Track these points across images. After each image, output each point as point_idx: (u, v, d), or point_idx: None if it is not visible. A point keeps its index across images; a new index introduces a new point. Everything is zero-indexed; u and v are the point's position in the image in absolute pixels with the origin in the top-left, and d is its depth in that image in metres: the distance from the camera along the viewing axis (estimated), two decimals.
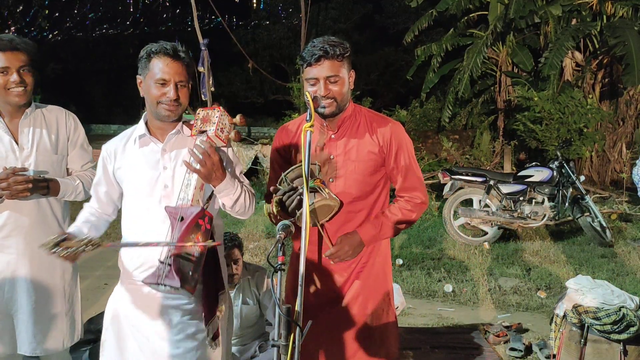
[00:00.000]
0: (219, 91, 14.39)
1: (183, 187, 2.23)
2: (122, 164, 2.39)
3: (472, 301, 5.43)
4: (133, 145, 2.38)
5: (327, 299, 2.52)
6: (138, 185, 2.35)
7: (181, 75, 2.28)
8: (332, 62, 2.36)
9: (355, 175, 2.46)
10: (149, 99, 2.31)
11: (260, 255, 6.74)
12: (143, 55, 2.31)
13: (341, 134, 2.48)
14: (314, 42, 2.40)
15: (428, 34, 14.24)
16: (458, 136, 12.15)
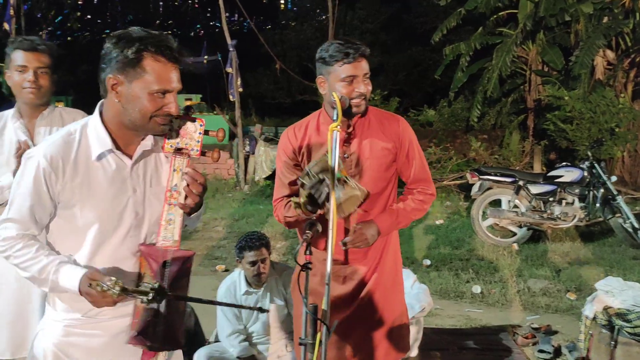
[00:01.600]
0: (247, 92, 14.48)
1: (164, 224, 1.86)
2: (72, 182, 1.81)
3: (501, 302, 5.38)
4: (87, 158, 1.84)
5: (345, 295, 2.53)
6: (101, 213, 1.83)
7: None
8: (365, 61, 2.41)
9: (370, 172, 2.49)
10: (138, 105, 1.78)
11: (288, 254, 6.77)
12: None
13: (354, 133, 2.51)
14: (338, 41, 2.42)
15: (456, 33, 14.09)
16: (487, 136, 12.03)
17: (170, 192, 1.87)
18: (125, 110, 1.80)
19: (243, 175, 11.28)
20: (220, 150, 2.02)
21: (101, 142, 1.84)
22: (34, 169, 1.80)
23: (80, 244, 1.85)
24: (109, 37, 1.82)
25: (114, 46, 1.77)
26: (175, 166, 1.87)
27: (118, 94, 1.79)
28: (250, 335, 3.63)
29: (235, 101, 11.45)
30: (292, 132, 2.61)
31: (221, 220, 8.74)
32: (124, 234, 1.87)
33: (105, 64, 1.79)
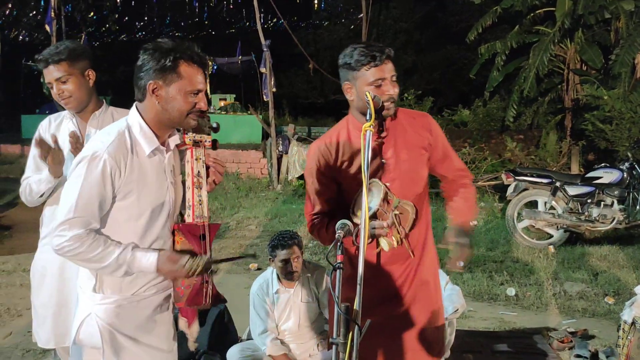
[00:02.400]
0: (280, 92, 14.59)
1: (196, 204, 2.18)
2: (131, 176, 2.08)
3: (536, 306, 5.29)
4: (140, 154, 2.11)
5: (384, 297, 2.51)
6: (152, 200, 2.13)
7: None
8: (391, 62, 2.38)
9: (410, 173, 2.46)
10: (177, 105, 2.09)
11: (320, 253, 6.79)
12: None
13: (389, 138, 2.47)
14: (360, 45, 2.39)
15: (492, 32, 13.94)
16: (523, 136, 11.85)
17: (197, 177, 2.18)
18: (164, 111, 2.09)
19: (276, 174, 11.35)
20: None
21: (150, 140, 2.12)
22: (100, 167, 2.01)
23: (132, 230, 2.11)
24: (143, 50, 2.10)
25: (150, 57, 2.06)
26: (197, 156, 2.22)
27: (158, 96, 2.08)
28: (282, 334, 3.65)
29: (268, 101, 11.53)
30: (324, 145, 2.52)
31: (254, 219, 8.81)
32: (166, 217, 2.18)
33: (144, 72, 2.07)
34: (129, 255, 2.04)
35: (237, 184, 11.26)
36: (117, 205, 2.08)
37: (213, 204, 9.71)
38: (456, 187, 2.65)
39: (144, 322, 2.18)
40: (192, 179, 2.19)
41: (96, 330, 2.11)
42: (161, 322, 2.24)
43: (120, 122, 2.15)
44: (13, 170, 12.04)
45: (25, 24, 22.62)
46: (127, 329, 2.15)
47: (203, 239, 2.16)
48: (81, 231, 2.00)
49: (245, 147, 12.84)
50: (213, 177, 2.30)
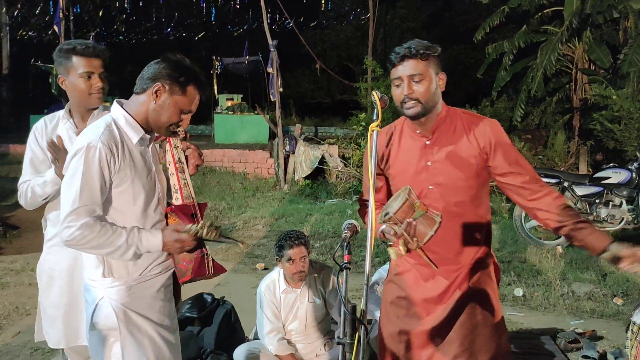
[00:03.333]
0: (287, 92, 14.60)
1: (183, 187, 2.38)
2: (124, 163, 2.23)
3: (544, 306, 5.27)
4: (129, 142, 2.26)
5: (433, 303, 2.47)
6: (144, 184, 2.29)
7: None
8: (416, 61, 2.32)
9: (456, 181, 2.38)
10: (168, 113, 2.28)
11: (327, 253, 6.79)
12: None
13: (437, 139, 2.41)
14: (399, 46, 2.38)
15: (499, 31, 13.90)
16: (530, 136, 11.80)
17: (179, 163, 2.40)
18: (154, 112, 2.26)
19: (283, 174, 11.36)
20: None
21: (136, 130, 2.28)
22: (97, 156, 2.14)
23: (131, 214, 2.25)
24: (168, 57, 2.28)
25: (172, 65, 2.25)
26: (175, 144, 2.43)
27: (158, 97, 2.24)
28: (289, 334, 3.65)
29: (275, 101, 11.54)
30: (382, 132, 2.47)
31: (261, 219, 8.82)
32: (157, 200, 2.34)
33: (159, 72, 2.23)
34: (136, 236, 2.19)
35: (244, 184, 11.28)
36: (115, 191, 2.22)
37: (220, 203, 9.74)
38: (551, 201, 2.37)
39: (153, 301, 2.32)
40: (175, 165, 2.39)
41: (111, 311, 2.24)
42: (167, 300, 2.39)
43: (105, 117, 2.29)
44: (22, 170, 12.09)
45: (34, 24, 22.74)
46: (139, 307, 2.28)
47: (194, 218, 2.34)
48: (88, 219, 2.11)
49: (252, 147, 12.87)
50: (194, 160, 2.52)
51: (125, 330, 2.25)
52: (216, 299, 4.19)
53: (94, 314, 2.27)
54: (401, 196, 2.29)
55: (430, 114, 2.39)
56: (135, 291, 2.28)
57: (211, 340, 3.92)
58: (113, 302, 2.25)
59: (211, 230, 2.25)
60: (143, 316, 2.30)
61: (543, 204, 2.37)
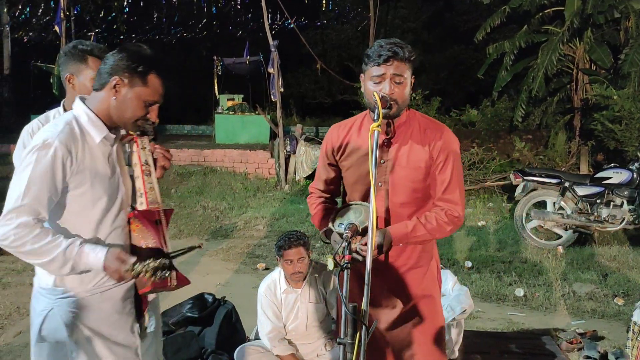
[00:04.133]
0: (288, 92, 14.60)
1: (148, 191, 2.22)
2: (83, 164, 2.08)
3: (545, 306, 5.27)
4: (90, 142, 2.12)
5: (377, 301, 2.49)
6: (106, 186, 2.14)
7: None
8: (399, 63, 2.34)
9: (404, 181, 2.43)
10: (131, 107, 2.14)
11: (327, 254, 6.78)
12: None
13: (394, 140, 2.45)
14: (381, 42, 2.38)
15: (500, 31, 13.87)
16: (531, 136, 11.79)
17: (145, 165, 2.24)
18: (116, 108, 2.13)
19: (284, 174, 11.36)
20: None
21: (99, 128, 2.14)
22: (51, 155, 1.99)
23: (88, 219, 2.11)
24: (123, 47, 2.15)
25: (128, 55, 2.11)
26: (142, 145, 2.27)
27: (117, 92, 2.11)
28: (289, 334, 3.65)
29: (276, 101, 11.54)
30: (336, 130, 2.60)
31: (262, 219, 8.82)
32: (119, 204, 2.19)
33: (115, 65, 2.10)
34: (76, 249, 1.99)
35: (245, 184, 11.28)
36: (71, 194, 2.07)
37: (221, 203, 9.73)
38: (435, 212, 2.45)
39: (107, 314, 2.18)
40: (141, 167, 2.24)
41: (60, 323, 2.11)
42: (125, 314, 2.25)
43: (66, 114, 2.18)
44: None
45: (35, 24, 22.75)
46: (91, 321, 2.14)
47: (159, 224, 2.19)
48: (29, 219, 1.95)
49: (253, 147, 12.87)
50: (162, 162, 2.39)
51: (74, 346, 2.12)
52: (217, 299, 4.19)
53: (42, 326, 2.14)
54: (363, 216, 2.30)
55: (399, 116, 2.43)
56: (88, 303, 2.14)
57: (212, 340, 3.93)
58: (63, 314, 2.11)
59: (155, 270, 1.97)
60: (95, 331, 2.15)
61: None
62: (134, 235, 2.22)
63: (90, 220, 2.11)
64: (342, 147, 2.54)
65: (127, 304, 2.27)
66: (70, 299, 2.12)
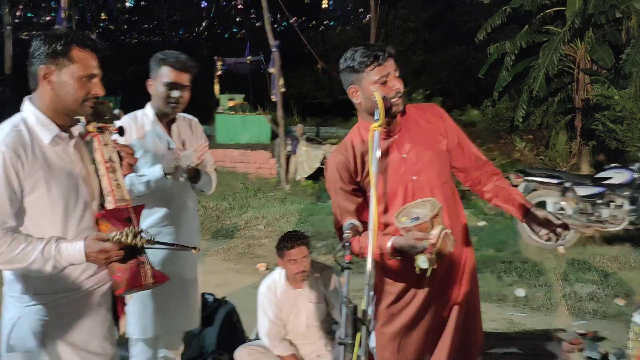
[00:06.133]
0: (289, 92, 14.54)
1: (114, 189, 2.10)
2: (35, 167, 1.99)
3: (546, 307, 5.26)
4: (40, 143, 2.04)
5: (433, 301, 2.50)
6: (64, 189, 2.05)
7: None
8: (390, 58, 2.37)
9: (434, 164, 2.44)
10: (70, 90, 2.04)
11: (328, 254, 6.78)
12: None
13: (404, 133, 2.46)
14: (358, 48, 2.39)
15: (501, 32, 13.88)
16: (532, 136, 11.80)
17: (109, 162, 2.12)
18: (58, 97, 2.03)
19: (284, 174, 11.36)
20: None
21: (48, 128, 2.05)
22: (1, 162, 1.93)
23: (50, 224, 2.02)
24: (36, 37, 2.06)
25: (42, 42, 2.00)
26: (104, 142, 2.14)
27: (50, 82, 2.01)
28: (290, 334, 3.65)
29: (277, 101, 11.54)
30: (341, 156, 2.46)
31: (263, 219, 8.82)
32: (83, 206, 2.11)
33: (35, 58, 2.01)
34: (54, 247, 1.94)
35: (246, 184, 11.28)
36: (28, 199, 1.99)
37: (222, 203, 9.73)
38: (488, 176, 2.53)
39: (79, 321, 2.11)
40: (105, 165, 2.13)
41: (28, 333, 2.04)
42: (98, 320, 2.18)
43: (13, 117, 2.08)
44: None
45: (36, 24, 22.77)
46: (60, 329, 2.08)
47: (129, 222, 2.08)
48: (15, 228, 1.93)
49: (254, 147, 12.86)
50: (127, 160, 2.26)
51: (44, 355, 2.05)
52: (217, 299, 4.19)
53: (11, 335, 2.06)
54: (429, 205, 2.25)
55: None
56: (58, 310, 2.06)
57: (212, 340, 3.92)
58: (32, 322, 2.04)
59: (136, 236, 1.97)
60: (65, 339, 2.08)
61: (483, 177, 2.53)
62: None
63: (53, 224, 2.03)
64: (357, 166, 2.44)
65: (102, 310, 2.20)
66: (39, 306, 2.05)
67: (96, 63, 2.07)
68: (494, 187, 2.51)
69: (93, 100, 2.07)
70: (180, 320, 3.10)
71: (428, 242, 2.19)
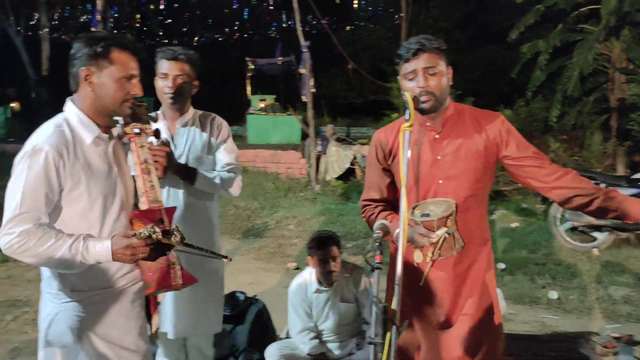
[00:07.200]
0: (319, 92, 14.57)
1: (148, 190, 2.17)
2: (76, 166, 2.06)
3: (579, 309, 5.19)
4: (81, 143, 2.10)
5: (434, 301, 2.46)
6: (103, 187, 2.12)
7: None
8: (429, 54, 2.32)
9: (466, 174, 2.38)
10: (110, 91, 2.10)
11: (359, 254, 6.79)
12: None
13: (446, 134, 2.41)
14: (409, 40, 2.38)
15: (534, 30, 13.67)
16: (566, 136, 11.59)
17: (144, 164, 2.21)
18: (98, 98, 2.09)
19: (315, 175, 11.39)
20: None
21: (90, 129, 2.12)
22: (42, 160, 1.99)
23: (87, 221, 2.09)
24: (77, 39, 2.11)
25: (83, 44, 2.07)
26: (140, 144, 2.24)
27: (91, 83, 2.08)
28: (320, 333, 3.67)
29: (308, 101, 11.58)
30: (384, 134, 2.52)
31: (293, 218, 8.87)
32: (119, 206, 2.17)
33: (77, 60, 2.08)
34: (82, 244, 1.97)
35: (276, 184, 11.35)
36: (68, 197, 2.05)
37: (253, 203, 9.82)
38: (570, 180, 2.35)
39: (115, 318, 2.16)
40: (140, 166, 2.20)
41: (65, 329, 2.08)
42: (132, 318, 2.24)
43: (56, 117, 2.14)
44: None
45: (72, 27, 23.27)
46: (96, 325, 2.13)
47: (161, 223, 2.13)
48: (29, 226, 1.95)
49: (284, 148, 12.93)
50: (160, 161, 2.40)
51: (81, 351, 2.11)
52: (248, 297, 4.24)
53: (48, 330, 2.11)
54: (445, 206, 2.29)
55: (441, 108, 2.39)
56: (94, 307, 2.12)
57: (243, 338, 3.97)
58: (69, 319, 2.09)
59: (163, 233, 2.00)
60: (101, 336, 2.14)
61: (567, 181, 2.35)
62: None
63: (90, 222, 2.09)
64: (392, 151, 2.48)
65: (136, 307, 2.26)
66: (75, 303, 2.10)
67: (135, 64, 2.12)
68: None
69: (132, 100, 2.13)
70: (204, 323, 3.06)
71: (429, 240, 2.26)
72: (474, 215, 2.42)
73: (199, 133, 2.98)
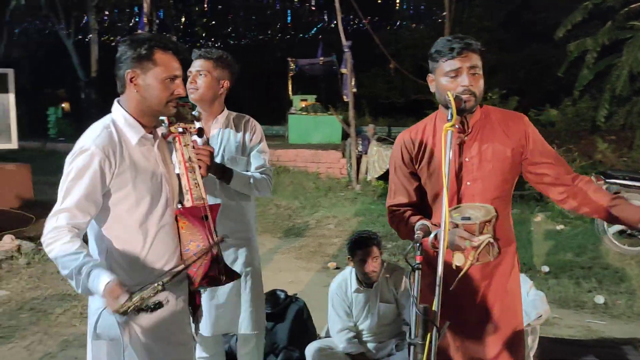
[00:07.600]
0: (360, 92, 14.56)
1: (193, 187, 2.25)
2: (123, 166, 2.12)
3: (627, 315, 5.04)
4: (127, 144, 2.16)
5: (460, 301, 2.43)
6: (149, 185, 2.18)
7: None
8: (473, 54, 2.29)
9: (494, 176, 2.37)
10: (155, 92, 2.15)
11: (399, 254, 6.76)
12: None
13: (473, 136, 2.39)
14: (447, 37, 2.35)
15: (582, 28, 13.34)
16: (615, 137, 11.27)
17: (188, 162, 2.28)
18: (144, 99, 2.15)
19: (355, 174, 11.38)
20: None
21: (136, 129, 2.18)
22: (90, 160, 2.05)
23: (134, 219, 2.15)
24: (122, 42, 2.17)
25: (128, 47, 2.13)
26: (185, 142, 2.31)
27: (137, 85, 2.13)
28: (360, 333, 3.68)
29: (349, 101, 11.57)
30: (408, 136, 2.48)
31: (333, 218, 8.88)
32: (165, 202, 2.22)
33: (122, 62, 2.13)
34: (86, 270, 1.95)
35: (317, 184, 11.39)
36: (115, 197, 2.11)
37: (293, 203, 9.88)
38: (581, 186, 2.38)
39: (159, 313, 2.12)
40: (185, 165, 2.27)
41: (113, 323, 2.12)
42: (176, 313, 2.28)
43: (104, 118, 2.21)
44: None
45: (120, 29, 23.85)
46: (142, 320, 2.17)
47: (206, 220, 2.22)
48: (64, 224, 2.00)
49: (325, 147, 12.96)
50: (202, 159, 2.44)
51: (128, 344, 2.16)
52: (289, 295, 4.27)
53: (97, 324, 2.15)
54: (484, 211, 2.28)
55: (474, 110, 2.38)
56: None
57: (284, 336, 4.00)
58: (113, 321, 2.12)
59: (142, 308, 1.90)
60: (147, 330, 2.19)
61: (577, 191, 2.38)
62: (182, 232, 2.26)
63: (137, 220, 2.15)
64: (419, 153, 2.46)
65: (180, 302, 2.30)
66: None
67: (178, 65, 2.17)
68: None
69: (176, 100, 2.18)
70: (247, 320, 3.08)
71: (471, 243, 2.24)
72: (500, 216, 2.39)
73: (233, 134, 3.04)
